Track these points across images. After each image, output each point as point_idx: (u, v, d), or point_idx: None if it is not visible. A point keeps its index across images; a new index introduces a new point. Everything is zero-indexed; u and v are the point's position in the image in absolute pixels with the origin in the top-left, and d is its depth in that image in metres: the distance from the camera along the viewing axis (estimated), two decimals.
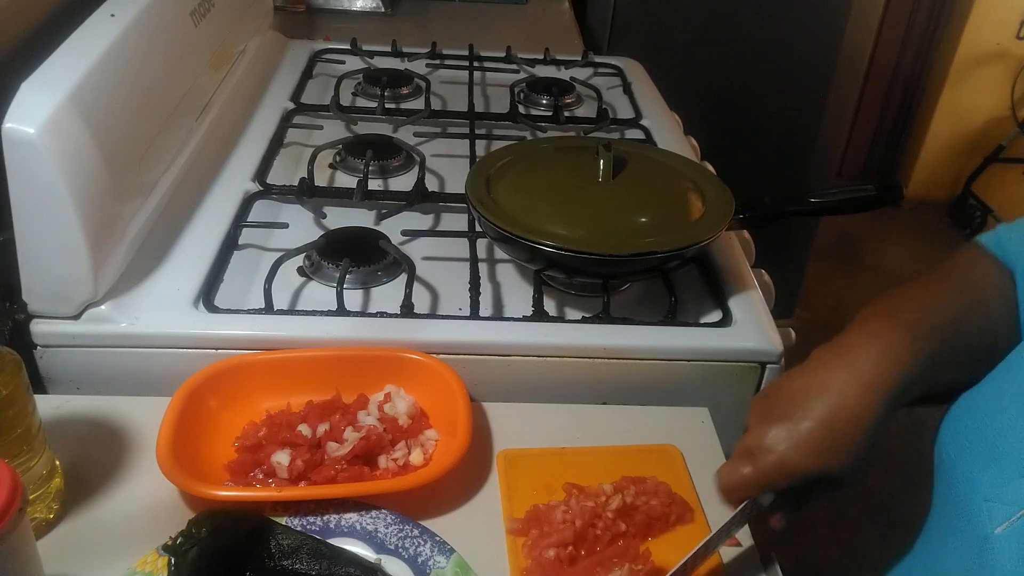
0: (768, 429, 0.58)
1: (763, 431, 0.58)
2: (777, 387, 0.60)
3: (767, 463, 0.57)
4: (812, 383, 0.58)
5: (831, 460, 0.56)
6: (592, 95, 1.29)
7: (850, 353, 0.58)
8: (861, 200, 0.87)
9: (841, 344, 0.59)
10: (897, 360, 0.57)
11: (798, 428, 0.56)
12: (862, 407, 0.56)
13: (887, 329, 0.59)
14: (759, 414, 0.60)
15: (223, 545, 0.59)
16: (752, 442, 0.58)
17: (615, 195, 0.85)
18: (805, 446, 0.56)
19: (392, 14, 1.74)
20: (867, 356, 0.57)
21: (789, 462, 0.56)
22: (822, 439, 0.56)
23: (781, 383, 0.60)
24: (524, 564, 0.61)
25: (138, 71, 0.83)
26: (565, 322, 0.81)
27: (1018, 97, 2.89)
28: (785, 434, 0.57)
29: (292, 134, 1.14)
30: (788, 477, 0.57)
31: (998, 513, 0.49)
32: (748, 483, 0.58)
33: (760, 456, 0.57)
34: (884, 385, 0.56)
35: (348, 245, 0.87)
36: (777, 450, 0.57)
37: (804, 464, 0.56)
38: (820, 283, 2.67)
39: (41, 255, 0.72)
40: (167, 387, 0.70)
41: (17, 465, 0.59)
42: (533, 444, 0.72)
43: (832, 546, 1.85)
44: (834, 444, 0.56)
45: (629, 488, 0.66)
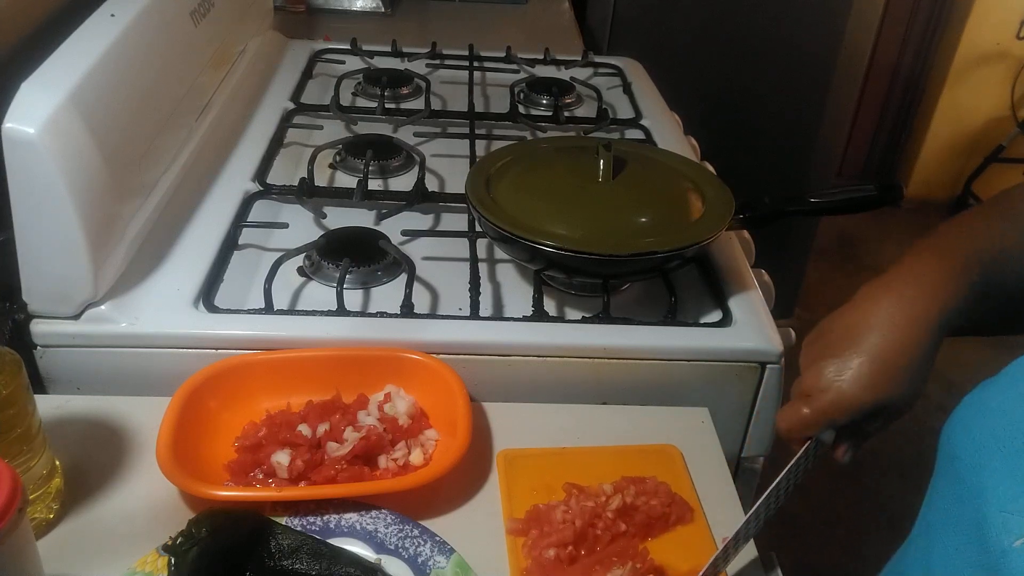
0: (822, 368, 0.59)
1: (817, 371, 0.59)
2: (827, 327, 0.62)
3: (825, 401, 0.58)
4: (859, 319, 0.60)
5: (885, 391, 0.57)
6: (592, 95, 1.29)
7: (896, 286, 0.60)
8: (861, 200, 0.87)
9: (887, 277, 0.61)
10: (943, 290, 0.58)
11: (850, 364, 0.58)
12: (910, 338, 0.57)
13: (933, 260, 0.60)
14: (811, 355, 0.61)
15: (223, 545, 0.59)
16: (807, 383, 0.60)
17: (615, 195, 0.85)
18: (859, 380, 0.57)
19: (392, 14, 1.74)
20: (912, 288, 0.59)
21: (845, 397, 0.57)
22: (875, 372, 0.57)
23: (830, 323, 0.62)
24: (524, 564, 0.61)
25: (138, 71, 0.83)
26: (565, 322, 0.81)
27: (1018, 97, 2.89)
28: (838, 371, 0.58)
29: (292, 134, 1.14)
30: (846, 412, 0.58)
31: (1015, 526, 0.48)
32: (808, 422, 0.59)
33: (816, 396, 0.59)
34: (931, 314, 0.58)
35: (348, 245, 0.87)
36: (832, 387, 0.58)
37: (860, 397, 0.57)
38: (820, 283, 2.67)
39: (41, 255, 0.72)
40: (167, 387, 0.70)
41: (17, 465, 0.59)
42: (533, 444, 0.72)
43: (832, 546, 1.85)
44: (887, 375, 0.57)
45: (629, 488, 0.66)
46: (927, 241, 0.62)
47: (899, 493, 1.95)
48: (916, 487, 0.58)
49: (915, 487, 1.70)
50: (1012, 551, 0.47)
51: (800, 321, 2.47)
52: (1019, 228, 0.63)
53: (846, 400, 0.58)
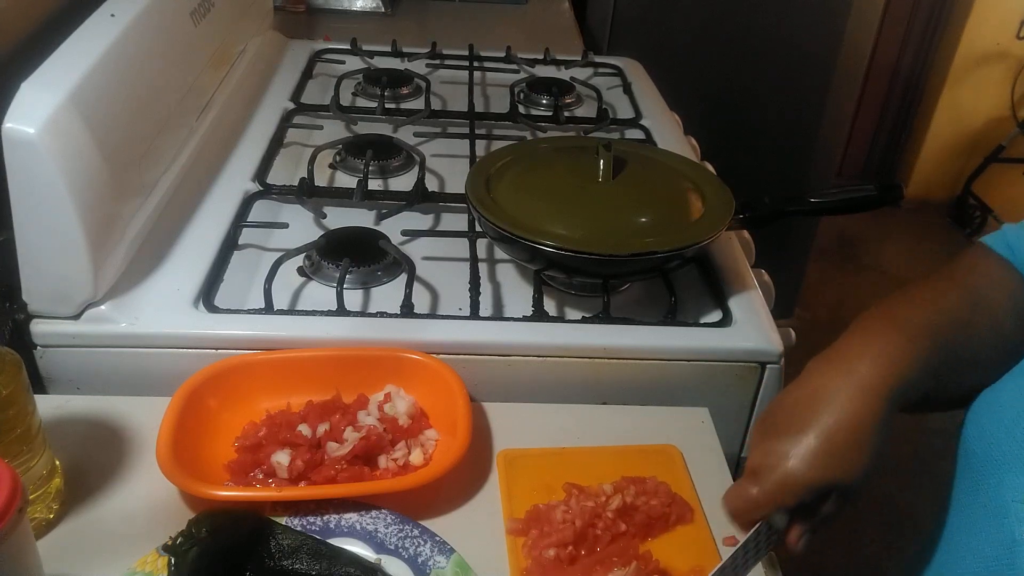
0: (770, 447, 0.56)
1: (765, 450, 0.56)
2: (776, 404, 0.59)
3: (772, 481, 0.55)
4: (809, 395, 0.57)
5: (836, 470, 0.54)
6: (592, 95, 1.29)
7: (846, 358, 0.57)
8: (861, 200, 0.87)
9: (836, 350, 0.58)
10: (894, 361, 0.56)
11: (799, 442, 0.55)
12: (862, 413, 0.55)
13: (883, 331, 0.58)
14: (760, 433, 0.58)
15: (223, 545, 0.59)
16: (755, 461, 0.57)
17: (615, 195, 0.85)
18: (808, 459, 0.54)
19: (392, 14, 1.74)
20: (863, 360, 0.56)
21: (794, 477, 0.55)
22: (825, 450, 0.54)
23: (780, 399, 0.59)
24: (524, 564, 0.61)
25: (138, 71, 0.83)
26: (565, 322, 0.81)
27: (1018, 97, 2.89)
28: (787, 449, 0.55)
29: (292, 134, 1.14)
30: (795, 493, 0.55)
31: None
32: (756, 504, 0.56)
33: (764, 475, 0.56)
34: (883, 387, 0.55)
35: (348, 245, 0.87)
36: (781, 466, 0.55)
37: (809, 477, 0.55)
38: (820, 283, 2.67)
39: (41, 255, 0.72)
40: (167, 387, 0.70)
41: (17, 465, 0.59)
42: (533, 444, 0.72)
43: (832, 546, 1.85)
44: (837, 453, 0.54)
45: (629, 488, 0.66)
46: (876, 311, 0.60)
47: (899, 493, 1.95)
48: (915, 487, 0.58)
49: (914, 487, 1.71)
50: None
51: (800, 321, 2.47)
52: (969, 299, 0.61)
53: (794, 480, 0.55)
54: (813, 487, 0.55)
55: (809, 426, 0.55)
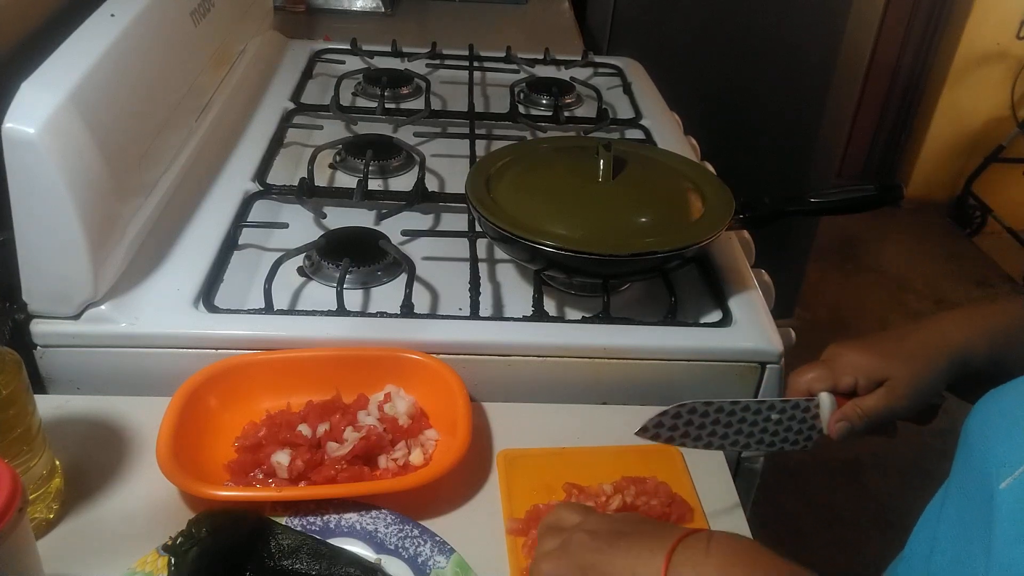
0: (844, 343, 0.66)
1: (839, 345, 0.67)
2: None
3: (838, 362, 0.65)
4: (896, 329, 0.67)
5: (895, 366, 0.63)
6: (592, 95, 1.29)
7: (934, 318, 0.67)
8: (861, 200, 0.87)
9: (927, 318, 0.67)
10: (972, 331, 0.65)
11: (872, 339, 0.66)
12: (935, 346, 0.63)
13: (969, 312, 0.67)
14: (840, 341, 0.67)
15: (223, 545, 0.59)
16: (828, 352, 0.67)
17: (615, 195, 0.85)
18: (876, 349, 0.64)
19: (392, 14, 1.74)
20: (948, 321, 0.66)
21: (859, 359, 0.64)
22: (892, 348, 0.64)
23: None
24: (524, 564, 0.61)
25: (138, 71, 0.83)
26: (565, 322, 0.81)
27: (1018, 97, 2.89)
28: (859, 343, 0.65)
29: (292, 134, 1.14)
30: (854, 371, 0.64)
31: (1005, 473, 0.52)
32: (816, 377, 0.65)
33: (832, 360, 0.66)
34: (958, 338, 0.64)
35: (348, 245, 0.87)
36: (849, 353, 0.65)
37: (871, 362, 0.64)
38: (820, 283, 2.67)
39: (41, 255, 0.72)
40: (167, 387, 0.70)
41: (17, 465, 0.59)
42: (533, 444, 0.72)
43: (831, 546, 1.85)
44: (902, 354, 0.63)
45: (629, 488, 0.66)
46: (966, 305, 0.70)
47: (899, 493, 1.95)
48: (916, 488, 0.60)
49: (915, 488, 1.71)
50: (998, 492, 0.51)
51: (800, 321, 2.47)
52: None
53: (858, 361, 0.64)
54: (871, 372, 0.64)
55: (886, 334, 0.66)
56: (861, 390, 0.64)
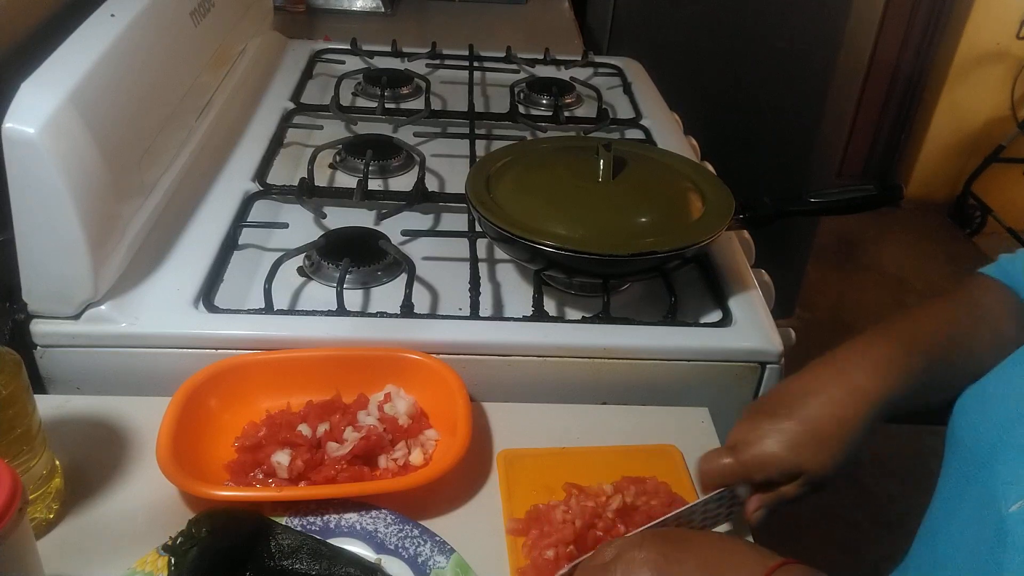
0: (753, 424, 0.60)
1: (748, 426, 0.60)
2: (770, 392, 0.63)
3: (748, 454, 0.59)
4: (801, 387, 0.60)
5: (810, 458, 0.58)
6: (592, 95, 1.29)
7: (843, 364, 0.60)
8: (861, 200, 0.87)
9: (835, 356, 0.61)
10: (888, 373, 0.59)
11: (781, 424, 0.59)
12: (848, 412, 0.58)
13: (881, 343, 0.61)
14: (748, 412, 0.62)
15: (223, 545, 0.59)
16: (736, 436, 0.61)
17: (615, 195, 0.85)
18: (786, 441, 0.58)
19: (392, 14, 1.74)
20: (858, 367, 0.60)
21: (768, 454, 0.58)
22: (804, 436, 0.58)
23: (774, 388, 0.63)
24: (523, 563, 0.61)
25: (138, 71, 0.83)
26: (565, 322, 0.81)
27: (1018, 97, 2.89)
28: (768, 428, 0.59)
29: (292, 134, 1.14)
30: (765, 469, 0.59)
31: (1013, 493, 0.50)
32: (726, 471, 0.60)
33: (742, 448, 0.60)
34: (874, 395, 0.58)
35: (348, 245, 0.87)
36: (759, 443, 0.59)
37: (782, 458, 0.58)
38: (820, 283, 2.67)
39: (41, 255, 0.72)
40: (167, 387, 0.70)
41: (17, 465, 0.59)
42: (533, 444, 0.72)
43: (830, 546, 1.85)
44: (815, 442, 0.58)
45: (629, 488, 0.66)
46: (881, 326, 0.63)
47: (899, 494, 1.95)
48: (916, 488, 0.59)
49: (915, 488, 1.71)
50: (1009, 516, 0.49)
51: (800, 321, 2.47)
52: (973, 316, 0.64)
53: (769, 458, 0.58)
54: (784, 468, 0.58)
55: (796, 413, 0.59)
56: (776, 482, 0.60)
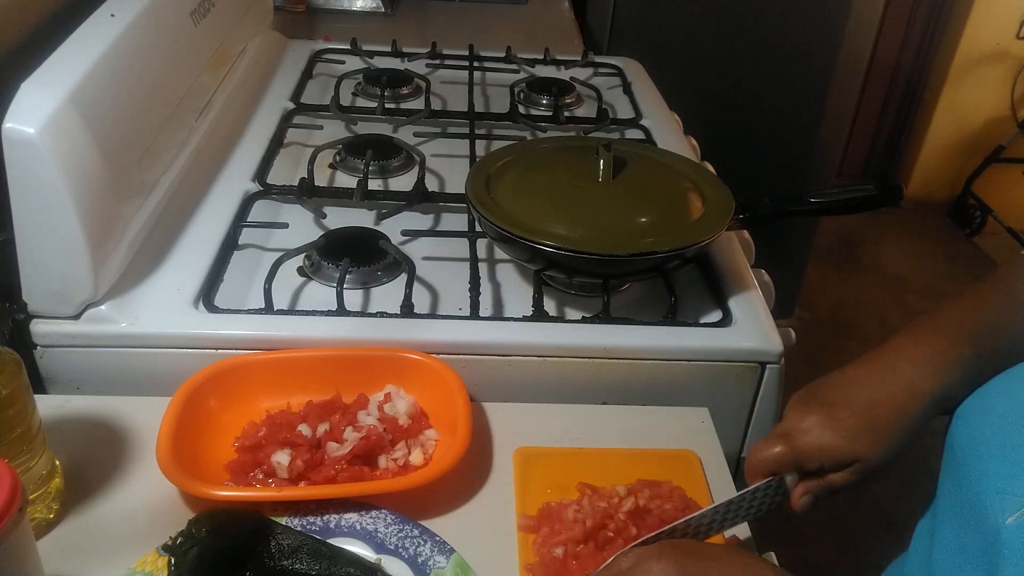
0: (806, 413, 0.59)
1: (801, 415, 0.60)
2: (820, 382, 0.62)
3: (802, 442, 0.58)
4: (854, 378, 0.60)
5: (865, 446, 0.57)
6: (592, 95, 1.29)
7: (894, 358, 0.60)
8: (861, 200, 0.87)
9: (886, 348, 0.61)
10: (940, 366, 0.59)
11: (837, 413, 0.58)
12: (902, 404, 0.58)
13: (930, 335, 0.61)
14: (799, 401, 0.61)
15: (223, 545, 0.59)
16: (789, 424, 0.60)
17: (615, 195, 0.85)
18: (843, 429, 0.58)
19: (392, 14, 1.74)
20: (910, 361, 0.59)
21: (824, 442, 0.58)
22: (860, 424, 0.58)
23: (825, 379, 0.62)
24: (532, 560, 0.61)
25: (138, 71, 0.83)
26: (565, 322, 0.81)
27: (1018, 97, 2.89)
28: (823, 418, 0.58)
29: (292, 134, 1.14)
30: (819, 457, 0.58)
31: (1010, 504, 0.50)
32: (778, 459, 0.59)
33: (795, 437, 0.59)
34: (927, 390, 0.58)
35: (348, 245, 0.87)
36: (813, 431, 0.58)
37: (840, 447, 0.58)
38: (820, 283, 2.67)
39: (41, 255, 0.72)
40: (167, 387, 0.70)
41: (17, 465, 0.59)
42: (533, 444, 0.72)
43: (830, 547, 1.85)
44: (871, 431, 0.57)
45: (643, 491, 0.66)
46: (924, 318, 0.63)
47: (899, 495, 1.95)
48: (916, 489, 0.59)
49: (915, 489, 1.72)
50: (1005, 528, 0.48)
51: (800, 321, 2.47)
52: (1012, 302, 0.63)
53: (823, 445, 0.58)
54: (839, 457, 0.58)
55: (852, 402, 0.59)
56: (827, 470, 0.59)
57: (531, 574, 0.61)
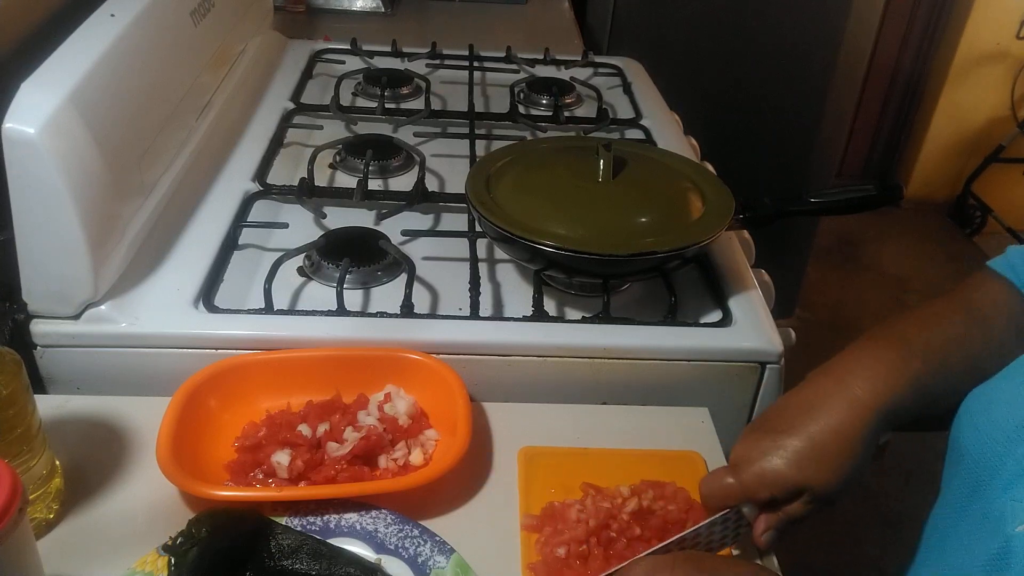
0: (755, 442, 0.59)
1: (749, 444, 0.59)
2: (770, 408, 0.62)
3: (751, 473, 0.58)
4: (802, 401, 0.60)
5: (813, 474, 0.57)
6: (592, 95, 1.29)
7: (841, 373, 0.60)
8: (861, 200, 0.87)
9: (834, 364, 0.61)
10: (887, 380, 0.58)
11: (784, 441, 0.58)
12: (849, 424, 0.57)
13: (879, 349, 0.60)
14: (749, 430, 0.61)
15: (223, 545, 0.59)
16: (738, 454, 0.60)
17: (615, 195, 0.85)
18: (789, 458, 0.57)
19: (392, 14, 1.74)
20: (857, 376, 0.59)
21: (772, 473, 0.57)
22: (807, 453, 0.57)
23: (775, 404, 0.62)
24: (535, 559, 0.61)
25: (138, 71, 0.83)
26: (565, 322, 0.81)
27: (1018, 97, 2.89)
28: (769, 446, 0.58)
29: (292, 134, 1.14)
30: (768, 488, 0.58)
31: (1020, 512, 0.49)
32: (730, 492, 0.59)
33: (744, 467, 0.59)
34: (873, 404, 0.58)
35: (348, 245, 0.87)
36: (761, 461, 0.58)
37: (785, 475, 0.57)
38: (820, 283, 2.67)
39: (41, 255, 0.72)
40: (167, 387, 0.70)
41: (17, 465, 0.59)
42: (533, 444, 0.72)
43: (830, 546, 1.85)
44: (818, 458, 0.57)
45: (647, 492, 0.65)
46: (875, 330, 0.63)
47: (899, 493, 1.95)
48: (916, 488, 0.59)
49: (915, 488, 1.71)
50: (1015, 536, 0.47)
51: (800, 321, 2.47)
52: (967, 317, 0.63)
53: (771, 475, 0.58)
54: (788, 486, 0.58)
55: (796, 429, 0.58)
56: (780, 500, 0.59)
57: (534, 573, 0.61)
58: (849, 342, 0.63)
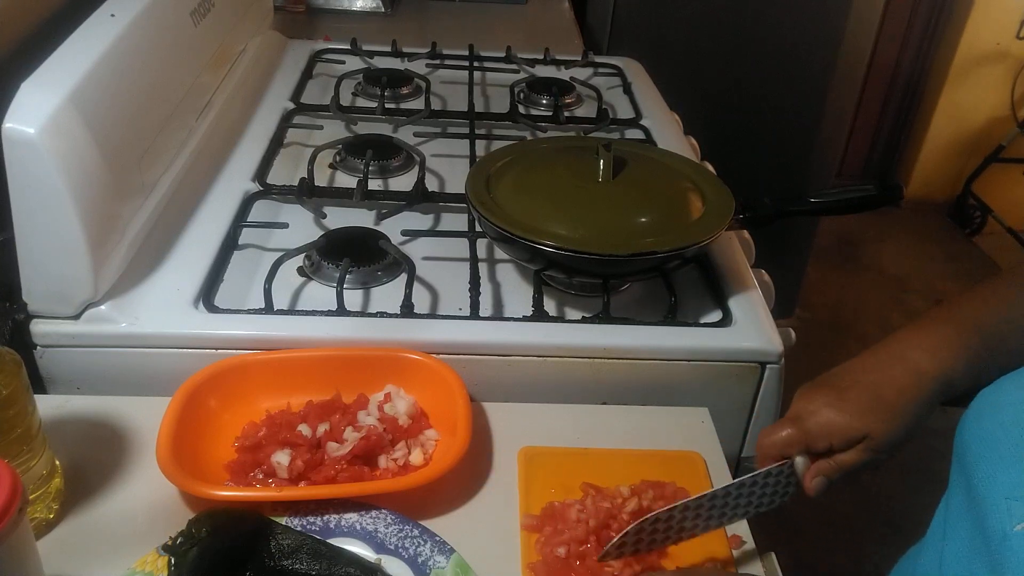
0: (814, 395, 0.61)
1: (808, 397, 0.61)
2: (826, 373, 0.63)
3: (812, 422, 0.60)
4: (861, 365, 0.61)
5: (873, 421, 0.58)
6: (592, 95, 1.29)
7: (900, 346, 0.61)
8: (861, 200, 0.87)
9: (892, 339, 0.62)
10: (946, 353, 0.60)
11: (844, 392, 0.60)
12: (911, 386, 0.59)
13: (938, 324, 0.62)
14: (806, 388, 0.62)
15: (223, 545, 0.59)
16: (796, 409, 0.61)
17: (615, 195, 0.85)
18: (850, 407, 0.59)
19: (392, 14, 1.74)
20: (917, 347, 0.60)
21: (832, 420, 0.59)
22: (868, 402, 0.59)
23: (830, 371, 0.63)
24: (533, 559, 0.61)
25: (138, 71, 0.83)
26: (565, 322, 0.81)
27: (1018, 97, 2.89)
28: (831, 398, 0.60)
29: (292, 134, 1.14)
30: (829, 436, 0.59)
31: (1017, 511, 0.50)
32: (788, 440, 0.60)
33: (804, 418, 0.60)
34: (932, 374, 0.59)
35: (348, 245, 0.87)
36: (823, 411, 0.60)
37: (847, 422, 0.59)
38: (820, 283, 2.67)
39: (41, 255, 0.72)
40: (167, 387, 0.70)
41: (17, 465, 0.59)
42: (533, 444, 0.72)
43: (830, 546, 1.85)
44: (878, 408, 0.58)
45: (647, 492, 0.66)
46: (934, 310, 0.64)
47: (900, 493, 1.95)
48: (917, 487, 0.59)
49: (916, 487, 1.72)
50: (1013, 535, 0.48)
51: (800, 321, 2.47)
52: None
53: (835, 422, 0.59)
54: (849, 434, 0.59)
55: (860, 384, 0.60)
56: (837, 449, 0.60)
57: (534, 573, 0.61)
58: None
